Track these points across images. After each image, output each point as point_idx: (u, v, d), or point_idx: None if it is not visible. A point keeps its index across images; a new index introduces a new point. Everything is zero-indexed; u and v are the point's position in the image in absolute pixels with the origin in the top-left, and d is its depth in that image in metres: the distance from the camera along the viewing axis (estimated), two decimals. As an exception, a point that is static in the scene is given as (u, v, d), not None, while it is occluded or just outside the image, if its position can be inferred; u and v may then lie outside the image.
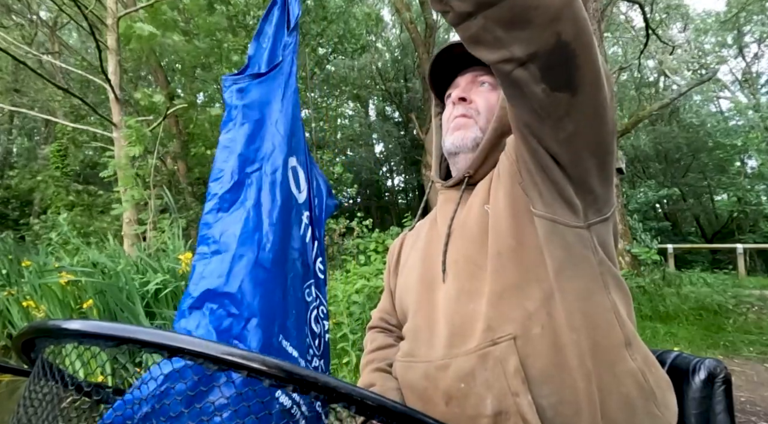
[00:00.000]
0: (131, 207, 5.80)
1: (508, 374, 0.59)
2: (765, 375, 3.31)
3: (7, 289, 3.95)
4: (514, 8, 0.47)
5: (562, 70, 0.51)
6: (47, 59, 9.90)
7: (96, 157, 12.28)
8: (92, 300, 2.98)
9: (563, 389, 0.59)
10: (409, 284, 0.81)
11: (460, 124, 0.80)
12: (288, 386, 0.26)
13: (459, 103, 0.81)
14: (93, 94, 12.40)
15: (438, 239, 0.78)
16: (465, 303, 0.67)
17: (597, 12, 5.93)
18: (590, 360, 0.59)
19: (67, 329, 0.27)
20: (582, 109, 0.54)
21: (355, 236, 7.04)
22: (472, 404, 0.61)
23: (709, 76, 10.27)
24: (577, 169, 0.61)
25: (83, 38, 13.95)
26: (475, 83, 0.82)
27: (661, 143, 14.17)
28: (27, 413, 0.38)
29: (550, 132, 0.58)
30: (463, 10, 0.49)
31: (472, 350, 0.63)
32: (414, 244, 0.89)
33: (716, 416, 0.71)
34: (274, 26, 0.66)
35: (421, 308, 0.75)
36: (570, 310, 0.61)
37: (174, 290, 2.94)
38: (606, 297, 0.64)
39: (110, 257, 3.73)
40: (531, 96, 0.54)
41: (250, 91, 0.68)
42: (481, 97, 0.80)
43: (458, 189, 0.81)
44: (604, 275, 0.65)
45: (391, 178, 20.42)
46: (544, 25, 0.48)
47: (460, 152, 0.80)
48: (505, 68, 0.53)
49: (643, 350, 0.66)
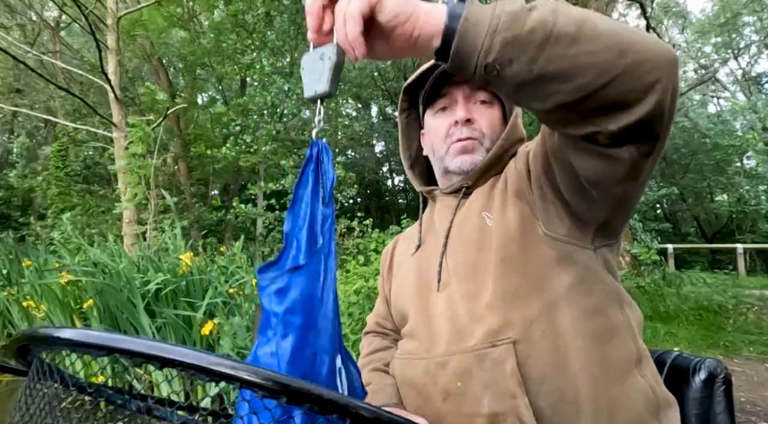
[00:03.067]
0: (132, 207, 5.81)
1: (505, 375, 0.60)
2: (765, 375, 3.30)
3: (7, 289, 3.95)
4: (624, 94, 0.46)
5: (651, 136, 0.50)
6: (48, 59, 9.91)
7: (96, 156, 12.30)
8: (92, 300, 2.98)
9: (563, 390, 0.59)
10: (407, 288, 0.81)
11: (467, 148, 0.77)
12: (281, 398, 0.26)
13: (465, 125, 0.77)
14: (94, 94, 12.41)
15: (436, 243, 0.78)
16: (465, 305, 0.67)
17: (598, 12, 5.91)
18: (598, 369, 0.60)
19: (59, 338, 0.27)
20: (648, 167, 0.55)
21: (355, 236, 7.05)
22: (468, 402, 0.62)
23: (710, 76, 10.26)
24: (608, 213, 0.63)
25: (85, 38, 13.95)
26: (472, 99, 0.79)
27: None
28: (23, 418, 0.38)
29: (610, 186, 0.57)
30: (561, 101, 0.47)
31: (470, 349, 0.63)
32: (407, 248, 0.89)
33: (716, 416, 0.72)
34: (310, 192, 0.58)
35: (421, 310, 0.75)
36: (577, 321, 0.62)
37: (174, 290, 2.94)
38: (620, 314, 0.65)
39: (111, 256, 3.74)
40: (611, 159, 0.53)
41: (290, 290, 0.58)
42: (483, 117, 0.79)
43: (455, 196, 0.80)
44: (617, 291, 0.67)
45: (392, 178, 20.40)
46: (650, 103, 0.46)
47: (463, 173, 0.79)
48: (589, 138, 0.52)
49: (652, 368, 0.67)
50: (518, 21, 0.45)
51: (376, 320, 0.98)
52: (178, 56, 11.60)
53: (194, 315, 2.75)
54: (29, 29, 12.49)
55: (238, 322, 2.62)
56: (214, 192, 14.93)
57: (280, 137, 9.38)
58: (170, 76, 12.41)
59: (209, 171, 12.59)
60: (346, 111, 19.08)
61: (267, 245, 8.76)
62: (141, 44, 10.22)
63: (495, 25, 0.45)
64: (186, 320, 2.86)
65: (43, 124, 15.31)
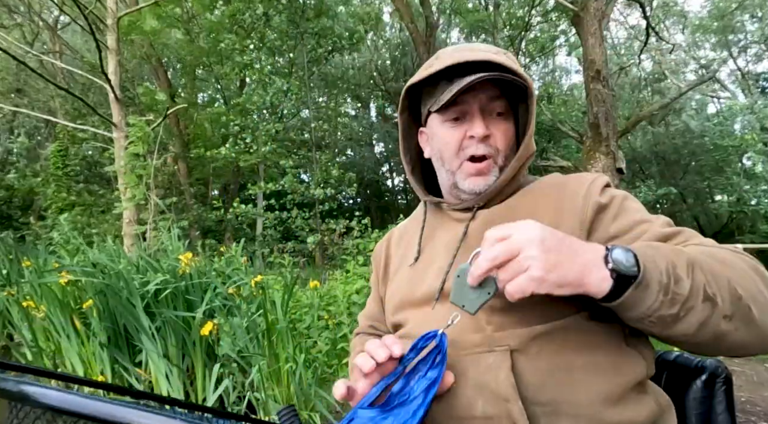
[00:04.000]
0: (132, 207, 5.81)
1: (499, 379, 0.60)
2: (765, 375, 3.31)
3: (7, 289, 3.95)
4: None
5: None
6: (48, 59, 9.90)
7: (96, 156, 12.29)
8: (92, 300, 2.97)
9: (561, 403, 0.59)
10: (403, 299, 0.79)
11: (481, 170, 0.73)
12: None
13: (482, 141, 0.72)
14: (95, 94, 12.40)
15: (439, 257, 0.76)
16: (466, 321, 0.66)
17: (598, 11, 5.91)
18: (602, 387, 0.59)
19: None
20: None
21: (354, 236, 7.05)
22: (462, 404, 0.62)
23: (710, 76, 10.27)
24: None
25: (85, 38, 13.94)
26: (488, 110, 0.73)
27: (657, 144, 14.16)
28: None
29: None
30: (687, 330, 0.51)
31: (467, 353, 0.64)
32: (405, 255, 0.86)
33: (717, 416, 0.72)
34: (426, 370, 0.61)
35: (421, 323, 0.73)
36: (583, 347, 0.61)
37: (174, 291, 2.94)
38: (628, 344, 0.65)
39: (110, 257, 3.73)
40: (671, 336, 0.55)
41: None
42: (499, 132, 0.74)
43: (465, 212, 0.77)
44: None
45: (391, 178, 20.38)
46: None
47: (475, 194, 0.76)
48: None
49: (659, 390, 0.67)
50: (682, 291, 0.49)
51: (369, 323, 0.95)
52: (176, 57, 11.59)
53: (194, 315, 2.75)
54: (28, 29, 12.48)
55: (238, 322, 2.62)
56: (214, 192, 14.93)
57: (280, 137, 9.38)
58: (170, 76, 12.40)
59: (209, 171, 12.58)
60: (346, 111, 19.07)
61: (267, 245, 8.76)
62: (140, 44, 10.21)
63: (663, 291, 0.49)
64: (186, 321, 2.85)
65: (43, 124, 15.30)
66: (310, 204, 8.74)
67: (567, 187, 0.71)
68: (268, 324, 2.46)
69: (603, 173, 4.34)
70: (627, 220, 0.65)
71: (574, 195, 0.68)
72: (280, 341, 2.53)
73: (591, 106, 5.72)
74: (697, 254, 0.54)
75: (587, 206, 0.66)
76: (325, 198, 8.46)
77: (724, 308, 0.50)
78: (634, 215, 0.66)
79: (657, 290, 0.48)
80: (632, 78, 16.58)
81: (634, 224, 0.65)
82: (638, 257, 0.49)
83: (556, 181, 0.74)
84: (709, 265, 0.52)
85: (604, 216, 0.66)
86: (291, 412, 0.63)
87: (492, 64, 0.68)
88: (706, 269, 0.51)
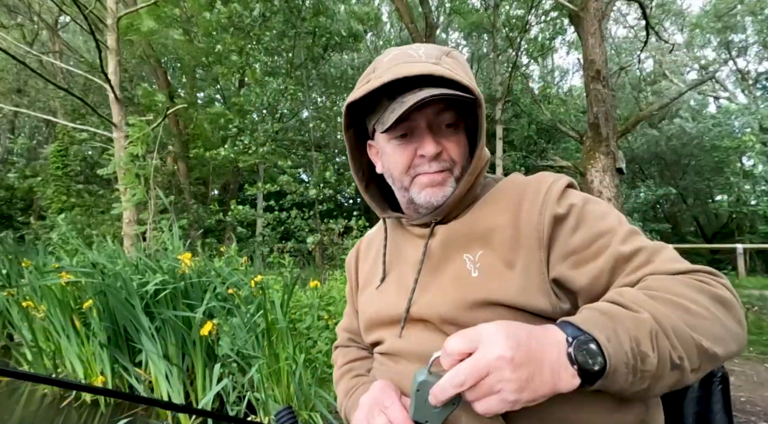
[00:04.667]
0: (132, 207, 5.81)
1: None
2: (765, 375, 3.31)
3: (7, 289, 3.95)
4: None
5: None
6: (48, 59, 9.90)
7: (96, 156, 12.29)
8: (92, 300, 2.98)
9: (546, 420, 0.58)
10: (375, 318, 0.79)
11: (436, 181, 0.70)
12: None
13: (434, 160, 0.69)
14: (94, 94, 12.40)
15: (403, 278, 0.76)
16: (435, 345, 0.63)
17: (598, 11, 5.91)
18: (591, 407, 0.59)
19: None
20: None
21: (354, 236, 7.05)
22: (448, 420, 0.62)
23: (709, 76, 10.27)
24: None
25: (85, 38, 13.94)
26: (436, 124, 0.70)
27: (657, 144, 14.16)
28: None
29: None
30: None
31: None
32: (371, 274, 0.85)
33: (714, 415, 0.72)
34: None
35: (397, 340, 0.73)
36: None
37: (173, 291, 2.94)
38: None
39: (109, 257, 3.73)
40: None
41: None
42: (451, 144, 0.71)
43: (424, 228, 0.75)
44: None
45: (391, 178, 20.40)
46: None
47: (432, 208, 0.73)
48: None
49: (660, 416, 0.67)
50: (649, 364, 0.49)
51: (348, 336, 0.95)
52: (175, 57, 11.58)
53: (193, 316, 2.75)
54: (28, 29, 12.48)
55: (237, 322, 2.62)
56: (214, 191, 14.92)
57: (279, 137, 9.36)
58: (169, 76, 12.39)
59: (208, 171, 12.58)
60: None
61: (266, 245, 8.77)
62: (139, 44, 10.21)
63: (631, 371, 0.49)
64: (185, 321, 2.85)
65: (43, 124, 15.30)
66: (309, 204, 8.74)
67: (525, 198, 0.68)
68: (268, 324, 2.46)
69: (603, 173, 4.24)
70: (587, 232, 0.63)
71: (531, 208, 0.66)
72: (280, 341, 2.53)
73: (591, 106, 5.72)
74: (657, 309, 0.51)
75: (543, 223, 0.64)
76: (324, 198, 8.46)
77: (692, 364, 0.51)
78: (595, 224, 0.63)
79: (625, 373, 0.48)
80: (632, 78, 16.58)
81: (594, 238, 0.62)
82: (601, 345, 0.48)
83: (515, 189, 0.71)
84: (671, 322, 0.50)
85: (562, 229, 0.64)
86: (289, 413, 0.63)
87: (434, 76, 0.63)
88: (668, 330, 0.50)
